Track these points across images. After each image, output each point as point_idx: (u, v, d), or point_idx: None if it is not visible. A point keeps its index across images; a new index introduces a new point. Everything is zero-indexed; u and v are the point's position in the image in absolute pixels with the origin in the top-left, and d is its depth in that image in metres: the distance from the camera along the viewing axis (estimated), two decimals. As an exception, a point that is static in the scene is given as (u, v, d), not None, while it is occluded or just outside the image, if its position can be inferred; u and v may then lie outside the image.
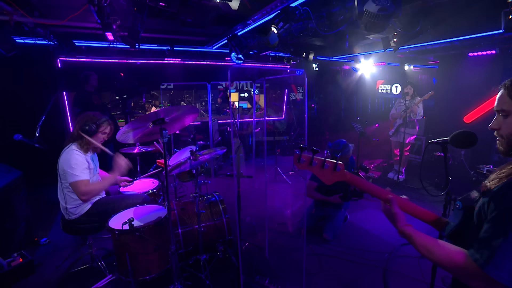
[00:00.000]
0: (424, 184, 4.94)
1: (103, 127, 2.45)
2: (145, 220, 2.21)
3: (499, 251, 0.74)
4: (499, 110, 0.90)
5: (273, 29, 2.85)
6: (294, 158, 1.10)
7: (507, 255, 0.74)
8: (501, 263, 0.74)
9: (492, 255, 0.75)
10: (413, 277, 2.59)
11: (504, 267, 0.74)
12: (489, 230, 0.79)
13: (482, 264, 0.76)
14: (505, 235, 0.75)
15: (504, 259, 0.74)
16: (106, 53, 4.83)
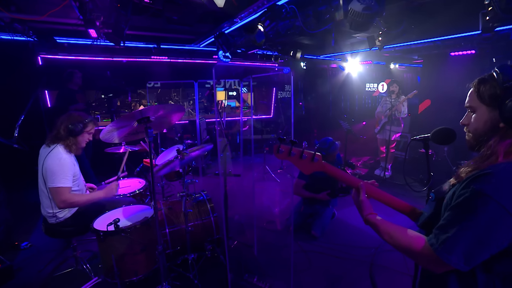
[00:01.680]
0: (409, 180, 5.06)
1: (89, 127, 2.38)
2: (131, 221, 2.17)
3: (452, 237, 0.79)
4: (468, 107, 0.95)
5: (260, 27, 2.85)
6: (273, 148, 1.13)
7: (459, 241, 0.78)
8: (452, 248, 0.79)
9: (446, 240, 0.80)
10: (398, 270, 2.65)
11: (454, 251, 0.78)
12: (447, 217, 0.83)
13: (436, 248, 0.81)
14: (459, 223, 0.79)
15: (455, 244, 0.78)
16: (90, 50, 4.72)
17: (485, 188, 0.76)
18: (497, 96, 0.84)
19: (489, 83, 0.87)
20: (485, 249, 0.77)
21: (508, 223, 0.75)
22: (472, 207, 0.77)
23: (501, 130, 0.85)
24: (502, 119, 0.83)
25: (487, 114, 0.88)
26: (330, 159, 3.16)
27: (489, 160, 0.83)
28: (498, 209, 0.74)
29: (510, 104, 0.80)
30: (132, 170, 3.85)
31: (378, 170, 5.47)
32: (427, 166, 1.71)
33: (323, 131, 7.35)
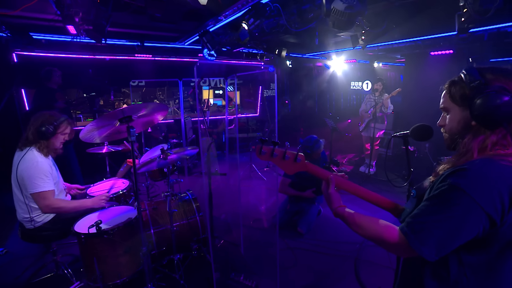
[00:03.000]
0: (393, 176, 5.19)
1: (63, 127, 2.24)
2: (114, 222, 2.12)
3: (426, 228, 0.81)
4: (442, 108, 0.98)
5: (244, 25, 2.84)
6: (256, 149, 1.12)
7: (433, 233, 0.80)
8: (425, 239, 0.81)
9: (420, 230, 0.82)
10: (382, 264, 2.71)
11: (427, 243, 0.80)
12: (422, 207, 0.85)
13: (410, 238, 0.83)
14: (434, 215, 0.81)
15: (429, 236, 0.80)
16: (70, 47, 4.56)
17: (460, 182, 0.79)
18: (467, 96, 0.88)
19: (459, 84, 0.91)
20: (455, 241, 0.80)
21: (478, 216, 0.77)
22: (447, 200, 0.80)
23: (474, 128, 0.88)
24: (473, 118, 0.86)
25: (460, 114, 0.91)
26: (315, 157, 3.20)
27: (465, 157, 0.86)
28: (471, 203, 0.77)
29: (478, 103, 0.83)
30: (115, 170, 3.76)
31: (363, 167, 5.58)
32: (407, 161, 1.76)
33: (310, 129, 7.41)
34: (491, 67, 0.89)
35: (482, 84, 0.84)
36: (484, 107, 0.82)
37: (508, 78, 0.85)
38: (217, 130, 6.86)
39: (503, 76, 0.85)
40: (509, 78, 0.85)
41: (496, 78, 0.85)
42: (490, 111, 0.81)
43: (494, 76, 0.85)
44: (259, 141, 1.13)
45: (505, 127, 0.83)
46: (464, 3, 2.24)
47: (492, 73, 0.86)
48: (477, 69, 0.88)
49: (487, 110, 0.82)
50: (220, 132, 6.77)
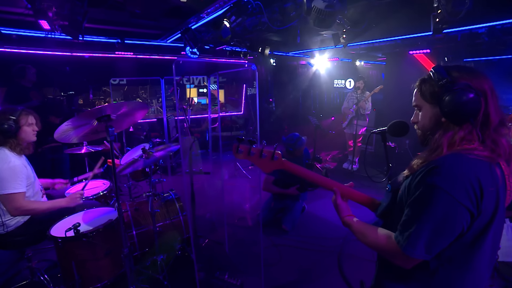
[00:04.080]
0: (375, 172, 5.32)
1: (24, 119, 2.10)
2: (94, 224, 2.06)
3: (414, 233, 0.84)
4: (414, 106, 1.02)
5: (226, 23, 2.82)
6: (233, 148, 1.12)
7: (419, 235, 0.83)
8: (415, 243, 0.84)
9: (409, 236, 0.85)
10: (364, 258, 2.78)
11: (417, 246, 0.84)
12: (407, 214, 0.88)
13: (402, 245, 0.86)
14: (418, 218, 0.84)
15: (417, 239, 0.84)
16: (45, 44, 4.37)
17: (436, 181, 0.82)
18: (436, 94, 0.91)
19: (428, 82, 0.94)
20: (443, 238, 0.83)
21: (459, 212, 0.81)
22: (427, 200, 0.83)
23: (444, 124, 0.91)
24: (442, 114, 0.90)
25: (431, 111, 0.95)
26: (298, 154, 3.23)
27: (436, 153, 0.89)
28: (450, 199, 0.80)
29: (446, 100, 0.87)
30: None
31: (346, 163, 5.69)
32: (385, 157, 1.81)
33: (294, 127, 7.48)
34: (457, 65, 0.93)
35: (449, 82, 0.88)
36: (452, 104, 0.86)
37: (472, 75, 0.89)
38: (201, 129, 6.79)
39: (467, 74, 0.89)
40: (473, 75, 0.89)
41: (462, 76, 0.89)
42: (457, 108, 0.85)
43: (459, 74, 0.89)
44: (236, 139, 1.13)
45: (471, 123, 0.86)
46: (438, 4, 2.32)
47: (457, 71, 0.90)
48: (444, 68, 0.91)
49: (454, 107, 0.85)
50: (204, 131, 6.71)
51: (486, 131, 0.87)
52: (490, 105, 0.87)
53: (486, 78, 0.89)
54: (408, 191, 0.91)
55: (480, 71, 0.91)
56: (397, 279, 0.97)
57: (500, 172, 0.86)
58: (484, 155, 0.84)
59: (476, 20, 3.61)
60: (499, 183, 0.85)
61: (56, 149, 3.82)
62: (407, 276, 0.93)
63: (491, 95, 0.87)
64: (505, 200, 0.89)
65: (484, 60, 6.03)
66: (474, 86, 0.86)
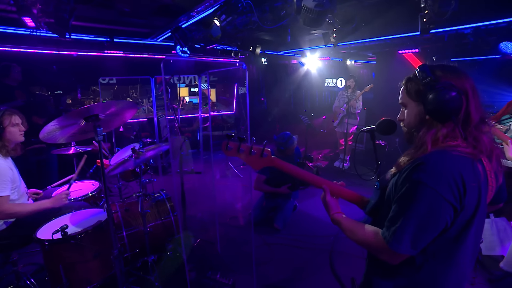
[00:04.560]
0: (365, 170, 5.38)
1: (7, 119, 2.04)
2: (82, 226, 2.02)
3: (400, 228, 0.85)
4: (401, 103, 1.04)
5: (216, 21, 2.81)
6: (222, 145, 1.13)
7: (405, 230, 0.85)
8: (401, 238, 0.85)
9: (395, 231, 0.86)
10: (355, 254, 2.81)
11: (403, 241, 0.85)
12: (394, 210, 0.90)
13: (388, 240, 0.87)
14: (404, 213, 0.86)
15: (403, 234, 0.85)
16: (31, 42, 4.26)
17: (421, 177, 0.83)
18: (420, 92, 0.93)
19: (413, 81, 0.96)
20: (428, 233, 0.85)
21: (443, 207, 0.83)
22: (413, 196, 0.84)
23: (428, 122, 0.93)
24: (426, 112, 0.92)
25: (416, 109, 0.96)
26: (289, 153, 3.25)
27: (421, 150, 0.91)
28: (434, 195, 0.82)
29: (430, 98, 0.89)
30: (85, 171, 3.60)
31: (337, 162, 5.74)
32: (375, 155, 1.83)
33: (286, 126, 7.50)
34: (441, 65, 0.95)
35: (432, 81, 0.90)
36: (435, 102, 0.88)
37: (454, 74, 0.91)
38: (192, 129, 6.75)
39: (450, 73, 0.91)
40: (455, 75, 0.91)
41: (445, 75, 0.91)
42: (440, 106, 0.87)
43: (443, 73, 0.91)
44: (226, 137, 1.13)
45: (453, 120, 0.89)
46: (425, 4, 2.36)
47: (441, 70, 0.92)
48: (429, 67, 0.93)
49: (437, 105, 0.87)
50: (195, 131, 6.68)
51: (468, 129, 0.89)
52: (471, 103, 0.89)
53: (467, 77, 0.92)
54: (395, 188, 0.92)
55: (462, 71, 0.94)
56: (385, 276, 0.99)
57: (482, 168, 0.89)
58: (467, 151, 0.87)
59: (462, 21, 3.69)
60: (481, 179, 0.87)
61: (41, 151, 3.71)
62: (394, 272, 0.95)
63: (472, 93, 0.90)
64: (487, 195, 0.92)
65: (470, 60, 6.17)
66: (456, 85, 0.88)
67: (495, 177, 0.93)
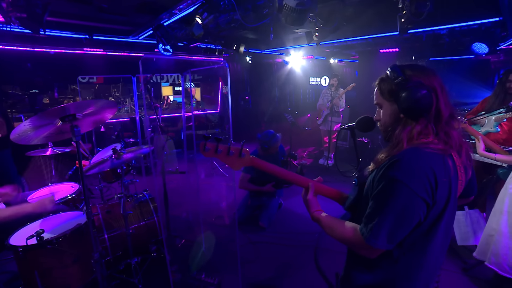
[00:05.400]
0: (349, 167, 5.49)
1: None
2: (60, 230, 1.95)
3: (377, 224, 0.88)
4: (376, 104, 1.06)
5: (198, 19, 2.77)
6: (200, 147, 1.11)
7: (381, 226, 0.87)
8: (377, 234, 0.88)
9: (372, 227, 0.89)
10: (339, 251, 2.86)
11: (379, 236, 0.88)
12: (371, 206, 0.92)
13: (366, 236, 0.90)
14: (380, 210, 0.88)
15: (379, 230, 0.87)
16: (2, 37, 4.05)
17: (396, 174, 0.86)
18: (393, 92, 0.96)
19: (386, 81, 0.99)
20: (403, 228, 0.88)
21: (417, 203, 0.85)
22: (389, 193, 0.87)
23: (402, 120, 0.96)
24: (400, 111, 0.95)
25: (390, 108, 0.99)
26: (273, 151, 3.26)
27: (397, 148, 0.94)
28: (408, 192, 0.84)
29: (403, 97, 0.92)
30: (64, 173, 3.47)
31: (322, 159, 5.82)
32: (356, 152, 1.87)
33: (271, 125, 7.53)
34: (410, 64, 0.98)
35: (403, 80, 0.93)
36: (407, 100, 0.91)
37: (423, 73, 0.94)
38: (177, 128, 6.67)
39: (419, 72, 0.95)
40: (424, 73, 0.94)
41: (414, 74, 0.94)
42: (412, 104, 0.90)
43: (412, 73, 0.94)
44: (203, 137, 1.12)
45: (425, 117, 0.92)
46: (403, 5, 2.43)
47: (411, 69, 0.95)
48: (399, 67, 0.96)
49: (410, 103, 0.90)
50: (179, 130, 6.60)
51: (439, 125, 0.93)
52: (440, 100, 0.92)
53: (435, 75, 0.95)
54: (372, 185, 0.94)
55: (431, 69, 0.97)
56: (364, 269, 1.01)
57: (452, 163, 0.93)
58: (439, 148, 0.90)
59: (438, 22, 3.83)
60: (451, 173, 0.91)
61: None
62: (373, 265, 0.98)
63: (441, 90, 0.93)
64: (457, 189, 0.96)
65: (446, 59, 6.41)
66: (426, 83, 0.91)
67: (465, 171, 0.97)
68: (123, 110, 6.80)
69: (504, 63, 6.84)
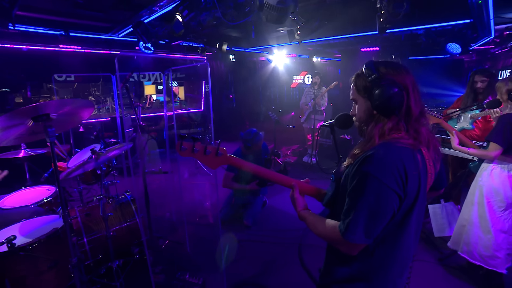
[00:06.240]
0: (332, 164, 5.59)
1: None
2: (34, 235, 1.87)
3: (353, 220, 0.90)
4: (352, 99, 1.09)
5: (178, 17, 2.73)
6: (176, 146, 1.10)
7: (357, 221, 0.89)
8: (354, 229, 0.90)
9: (349, 223, 0.91)
10: (323, 246, 2.89)
11: (356, 232, 0.90)
12: (347, 203, 0.94)
13: (343, 233, 0.91)
14: (355, 206, 0.90)
15: (355, 225, 0.89)
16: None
17: (369, 169, 0.88)
18: (367, 88, 0.98)
19: (361, 77, 1.01)
20: (379, 222, 0.90)
21: (390, 196, 0.88)
22: (362, 188, 0.89)
23: (375, 117, 0.99)
24: (373, 107, 0.97)
25: (364, 104, 1.01)
26: (256, 149, 3.27)
27: (370, 143, 0.96)
28: (380, 185, 0.87)
29: (376, 93, 0.94)
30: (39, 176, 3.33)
31: (306, 157, 5.88)
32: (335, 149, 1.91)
33: (255, 123, 7.54)
34: (384, 62, 1.00)
35: (377, 78, 0.95)
36: (380, 97, 0.93)
37: (396, 71, 0.97)
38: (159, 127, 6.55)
39: (392, 69, 0.97)
40: (397, 71, 0.97)
41: (388, 72, 0.96)
42: (384, 101, 0.93)
43: (386, 70, 0.97)
44: (179, 137, 1.11)
45: (397, 115, 0.95)
46: (381, 5, 2.49)
47: (384, 67, 0.98)
48: (374, 64, 0.98)
49: (382, 101, 0.93)
50: (162, 129, 6.49)
51: (409, 122, 0.96)
52: (411, 98, 0.95)
53: (408, 73, 0.98)
54: (347, 181, 0.96)
55: (404, 67, 1.00)
56: (342, 263, 1.04)
57: (421, 157, 0.96)
58: (409, 143, 0.93)
59: (415, 22, 3.96)
60: (420, 167, 0.94)
61: None
62: (350, 259, 1.00)
63: (412, 89, 0.96)
64: (427, 182, 0.99)
65: (424, 58, 6.65)
66: (398, 81, 0.94)
67: (434, 164, 1.01)
68: (104, 110, 6.60)
69: (476, 63, 7.19)
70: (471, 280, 2.40)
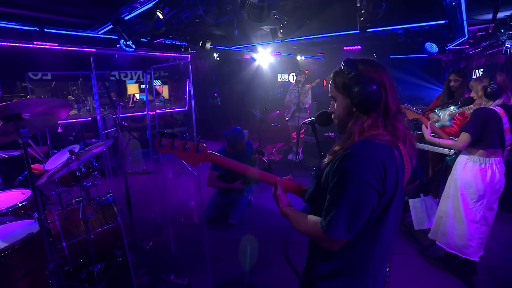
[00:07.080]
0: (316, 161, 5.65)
1: None
2: (7, 241, 1.79)
3: (334, 216, 0.91)
4: (331, 97, 1.09)
5: (159, 14, 2.67)
6: (155, 143, 1.08)
7: (338, 218, 0.91)
8: (335, 225, 0.91)
9: (330, 220, 0.92)
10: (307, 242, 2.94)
11: (337, 228, 0.91)
12: (328, 200, 0.95)
13: (325, 229, 0.93)
14: (336, 202, 0.92)
15: (337, 222, 0.91)
16: None
17: (349, 166, 0.89)
18: (346, 86, 0.99)
19: (340, 75, 1.02)
20: (359, 218, 0.91)
21: (369, 192, 0.89)
22: (343, 185, 0.90)
23: (355, 114, 1.00)
24: (352, 104, 0.98)
25: (343, 102, 1.02)
26: (240, 148, 3.26)
27: (350, 140, 0.97)
28: (360, 182, 0.88)
29: (355, 91, 0.95)
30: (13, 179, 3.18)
31: (291, 155, 5.93)
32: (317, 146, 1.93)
33: (240, 121, 7.52)
34: (362, 59, 1.01)
35: (356, 75, 0.96)
36: (359, 95, 0.94)
37: (374, 69, 0.98)
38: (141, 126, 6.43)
39: (370, 67, 0.98)
40: (375, 69, 0.98)
41: (366, 69, 0.97)
42: (363, 98, 0.94)
43: (364, 68, 0.98)
44: (158, 133, 1.08)
45: (375, 111, 0.96)
46: (361, 4, 2.54)
47: (362, 64, 0.99)
48: (352, 61, 0.99)
49: (361, 98, 0.94)
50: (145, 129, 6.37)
51: (387, 118, 0.98)
52: (389, 95, 0.97)
53: (385, 71, 0.99)
54: (328, 177, 0.98)
55: (381, 64, 1.01)
56: (324, 258, 1.05)
57: (398, 153, 0.98)
58: (387, 139, 0.95)
59: (394, 22, 4.07)
60: (398, 162, 0.97)
61: None
62: (331, 254, 1.02)
63: (389, 86, 0.98)
64: (404, 177, 1.02)
65: (404, 57, 6.85)
66: (376, 78, 0.95)
67: (410, 159, 1.04)
68: (85, 110, 6.38)
69: (453, 62, 7.48)
70: (447, 269, 2.52)
